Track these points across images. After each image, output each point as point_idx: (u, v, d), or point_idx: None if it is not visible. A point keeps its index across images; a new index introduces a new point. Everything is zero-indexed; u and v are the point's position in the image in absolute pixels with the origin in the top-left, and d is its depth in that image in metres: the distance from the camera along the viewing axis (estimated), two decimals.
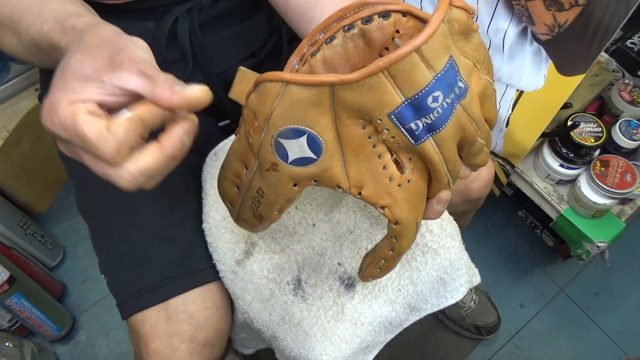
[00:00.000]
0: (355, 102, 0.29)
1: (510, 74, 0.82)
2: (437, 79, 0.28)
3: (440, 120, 0.30)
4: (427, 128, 0.30)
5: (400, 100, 0.28)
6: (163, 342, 0.51)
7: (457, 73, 0.29)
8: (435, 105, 0.29)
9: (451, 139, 0.31)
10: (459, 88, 0.29)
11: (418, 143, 0.30)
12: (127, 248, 0.54)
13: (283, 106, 0.30)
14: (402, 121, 0.29)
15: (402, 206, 0.32)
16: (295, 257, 0.54)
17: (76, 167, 0.59)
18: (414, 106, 0.29)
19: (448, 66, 0.28)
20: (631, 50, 0.99)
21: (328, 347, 0.50)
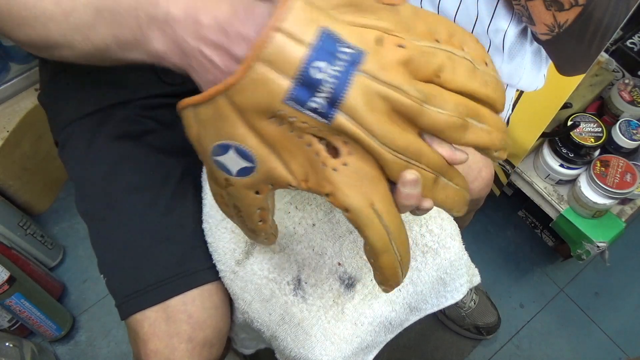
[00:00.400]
0: (251, 102, 0.29)
1: (510, 74, 0.82)
2: (311, 49, 0.27)
3: (338, 89, 0.28)
4: (328, 102, 0.28)
5: (287, 84, 0.28)
6: (162, 342, 0.51)
7: (337, 40, 0.28)
8: (322, 75, 0.28)
9: (363, 108, 0.29)
10: (345, 53, 0.28)
11: (330, 120, 0.29)
12: (126, 248, 0.54)
13: (199, 128, 0.31)
14: (301, 103, 0.29)
15: (344, 191, 0.31)
16: (295, 257, 0.54)
17: (75, 167, 0.59)
18: (303, 84, 0.28)
19: (322, 35, 0.28)
20: (631, 50, 0.99)
21: (328, 347, 0.50)
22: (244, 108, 0.29)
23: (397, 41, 0.29)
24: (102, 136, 0.58)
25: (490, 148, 0.33)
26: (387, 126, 0.29)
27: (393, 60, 0.29)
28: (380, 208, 0.31)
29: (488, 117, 0.32)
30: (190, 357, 0.51)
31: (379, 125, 0.29)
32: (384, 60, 0.28)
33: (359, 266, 0.54)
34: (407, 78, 0.29)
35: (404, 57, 0.29)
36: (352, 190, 0.31)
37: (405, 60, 0.29)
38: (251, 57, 0.28)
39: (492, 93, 0.31)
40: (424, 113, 0.29)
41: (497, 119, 0.33)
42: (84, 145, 0.58)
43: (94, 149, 0.57)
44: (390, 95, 0.29)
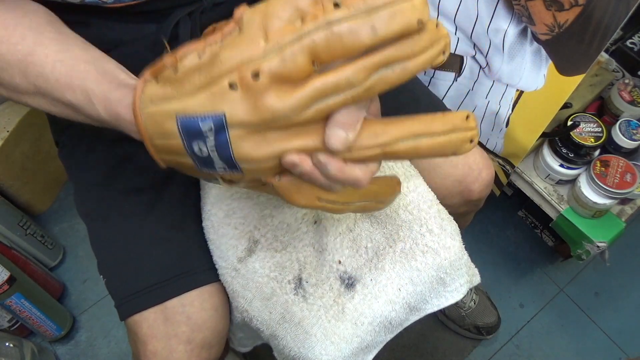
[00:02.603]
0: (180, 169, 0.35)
1: (510, 74, 0.82)
2: (183, 140, 0.31)
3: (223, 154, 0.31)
4: (227, 164, 0.32)
5: (189, 160, 0.33)
6: (161, 344, 0.51)
7: (193, 122, 0.30)
8: (206, 152, 0.31)
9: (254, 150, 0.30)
10: (210, 127, 0.29)
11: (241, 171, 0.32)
12: (125, 249, 0.54)
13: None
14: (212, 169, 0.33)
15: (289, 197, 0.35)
16: (297, 255, 0.54)
17: (75, 168, 0.59)
18: (199, 161, 0.32)
19: (180, 126, 0.30)
20: (631, 50, 0.99)
21: (328, 346, 0.50)
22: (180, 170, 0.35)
23: (249, 71, 0.27)
24: (102, 137, 0.58)
25: (421, 69, 0.29)
26: (286, 145, 0.30)
27: (254, 96, 0.28)
28: (329, 196, 0.34)
29: (398, 51, 0.27)
30: (189, 358, 0.51)
31: (278, 152, 0.30)
32: (245, 104, 0.28)
33: (358, 266, 0.54)
34: (278, 99, 0.28)
35: (262, 86, 0.28)
36: (295, 195, 0.34)
37: (265, 86, 0.28)
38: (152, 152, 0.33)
39: (387, 31, 0.26)
40: (316, 114, 0.29)
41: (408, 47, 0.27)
42: (84, 146, 0.58)
43: (94, 150, 0.57)
44: (272, 126, 0.29)
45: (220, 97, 0.28)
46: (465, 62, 0.87)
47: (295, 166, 0.31)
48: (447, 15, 0.82)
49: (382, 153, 0.31)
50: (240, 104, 0.28)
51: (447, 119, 0.31)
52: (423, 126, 0.31)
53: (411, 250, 0.53)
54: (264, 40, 0.27)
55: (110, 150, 0.57)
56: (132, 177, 0.56)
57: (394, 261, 0.53)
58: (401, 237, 0.54)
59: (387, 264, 0.53)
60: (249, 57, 0.28)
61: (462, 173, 0.63)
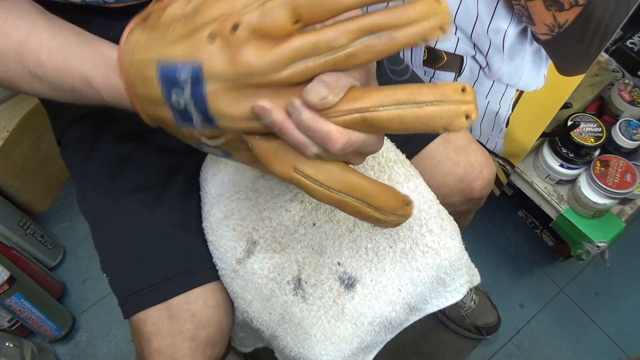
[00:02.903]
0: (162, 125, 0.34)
1: (510, 74, 0.82)
2: (162, 88, 0.30)
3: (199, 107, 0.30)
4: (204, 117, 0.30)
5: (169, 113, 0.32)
6: (165, 341, 0.51)
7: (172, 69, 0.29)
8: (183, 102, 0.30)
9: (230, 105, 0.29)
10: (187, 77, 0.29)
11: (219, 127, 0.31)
12: (129, 247, 0.54)
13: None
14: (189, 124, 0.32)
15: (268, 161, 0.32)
16: (296, 256, 0.54)
17: (78, 166, 0.59)
18: (178, 112, 0.31)
19: (159, 72, 0.29)
20: (631, 50, 0.99)
21: (328, 347, 0.50)
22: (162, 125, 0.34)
23: (230, 24, 0.27)
24: (105, 135, 0.58)
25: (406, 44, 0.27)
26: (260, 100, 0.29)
27: (232, 49, 0.27)
28: (305, 169, 0.31)
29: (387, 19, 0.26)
30: (193, 355, 0.52)
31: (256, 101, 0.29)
32: (222, 56, 0.28)
33: (358, 266, 0.54)
34: (256, 55, 0.27)
35: (241, 39, 0.27)
36: (272, 160, 0.31)
37: (244, 39, 0.27)
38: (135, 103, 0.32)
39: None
40: (293, 75, 0.28)
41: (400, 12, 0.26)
42: (86, 144, 0.58)
43: (97, 148, 0.57)
44: (249, 82, 0.28)
45: (199, 47, 0.28)
46: (465, 62, 0.87)
47: (265, 112, 0.28)
48: None
49: (362, 119, 0.29)
50: (218, 55, 0.27)
51: (438, 89, 0.28)
52: (408, 93, 0.28)
53: (411, 251, 0.53)
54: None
55: (112, 149, 0.57)
56: (135, 176, 0.56)
57: (394, 261, 0.53)
58: (401, 238, 0.54)
59: (387, 265, 0.53)
60: (230, 9, 0.27)
61: (463, 171, 0.63)
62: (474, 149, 0.65)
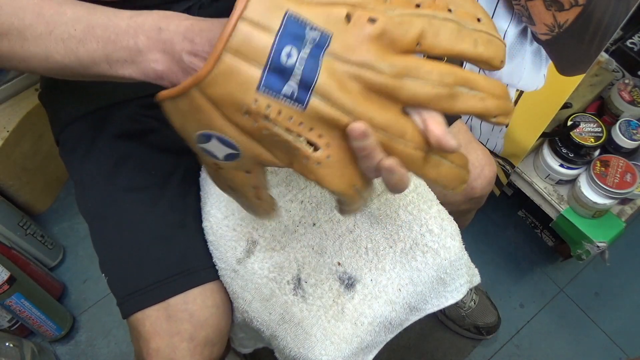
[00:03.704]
0: (225, 93, 0.29)
1: (510, 74, 0.82)
2: (278, 36, 0.27)
3: (308, 72, 0.28)
4: (302, 87, 0.28)
5: (259, 72, 0.28)
6: (164, 341, 0.51)
7: (303, 24, 0.28)
8: (292, 60, 0.28)
9: (336, 89, 0.28)
10: (313, 38, 0.28)
11: (305, 106, 0.29)
12: (127, 247, 0.54)
13: (180, 118, 0.31)
14: (274, 90, 0.28)
15: (328, 180, 0.31)
16: (295, 256, 0.54)
17: (76, 166, 0.59)
18: (274, 70, 0.28)
19: (286, 20, 0.27)
20: (631, 50, 0.99)
21: (328, 346, 0.50)
22: (218, 100, 0.29)
23: (367, 15, 0.28)
24: (104, 135, 0.58)
25: (485, 115, 0.31)
26: (363, 106, 0.29)
27: (362, 37, 0.28)
28: (360, 186, 0.32)
29: (480, 82, 0.30)
30: (191, 356, 0.51)
31: (355, 106, 0.29)
32: (352, 39, 0.28)
33: (358, 266, 0.54)
34: (379, 54, 0.28)
35: (375, 32, 0.28)
36: (336, 179, 0.31)
37: (377, 34, 0.28)
38: (219, 49, 0.27)
39: (484, 51, 0.30)
40: (403, 87, 0.29)
41: (491, 84, 0.31)
42: (85, 144, 0.58)
43: (95, 147, 0.57)
44: (362, 75, 0.28)
45: (334, 21, 0.28)
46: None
47: (364, 137, 0.29)
48: None
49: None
50: (344, 36, 0.28)
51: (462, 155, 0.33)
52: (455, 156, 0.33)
53: (411, 251, 0.53)
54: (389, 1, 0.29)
55: (111, 148, 0.57)
56: (133, 175, 0.56)
57: (394, 261, 0.53)
58: (401, 238, 0.54)
59: (387, 264, 0.53)
60: (375, 2, 0.28)
61: None
62: (475, 147, 0.65)
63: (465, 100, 0.30)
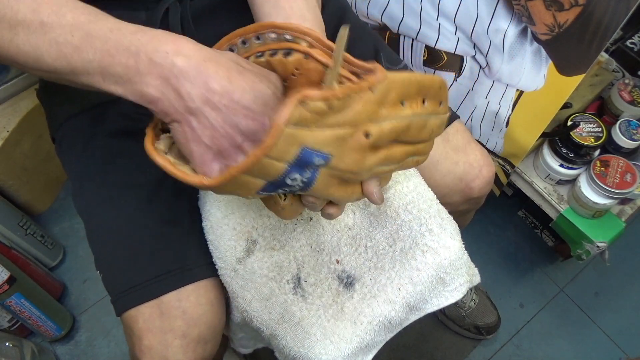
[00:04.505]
0: (225, 192, 0.36)
1: (510, 74, 0.82)
2: (290, 167, 0.33)
3: (304, 188, 0.35)
4: (294, 192, 0.37)
5: (262, 183, 0.34)
6: (156, 338, 0.51)
7: (313, 154, 0.33)
8: (295, 182, 0.34)
9: (322, 189, 0.36)
10: (319, 163, 0.34)
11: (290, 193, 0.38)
12: (122, 244, 0.54)
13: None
14: (271, 191, 0.36)
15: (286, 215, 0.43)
16: (295, 255, 0.54)
17: (73, 163, 0.59)
18: (276, 184, 0.34)
19: (301, 155, 0.32)
20: (631, 50, 0.99)
21: (327, 346, 0.50)
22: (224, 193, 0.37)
23: (364, 130, 0.34)
24: (99, 132, 0.58)
25: (414, 166, 0.42)
26: (335, 194, 0.37)
27: (355, 150, 0.34)
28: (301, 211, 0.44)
29: (421, 150, 0.40)
30: (184, 353, 0.51)
31: (328, 196, 0.38)
32: (346, 154, 0.34)
33: (358, 265, 0.54)
34: (360, 161, 0.35)
35: (366, 145, 0.35)
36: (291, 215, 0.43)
37: (367, 146, 0.35)
38: (233, 175, 0.33)
39: (434, 136, 0.40)
40: (367, 179, 0.39)
41: (427, 149, 0.41)
42: (81, 141, 0.58)
43: (91, 145, 0.57)
44: (344, 176, 0.36)
45: (338, 141, 0.33)
46: (465, 62, 0.87)
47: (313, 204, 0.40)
48: (447, 15, 0.82)
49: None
50: (342, 152, 0.34)
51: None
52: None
53: (411, 250, 0.53)
54: (383, 108, 0.34)
55: (107, 146, 0.57)
56: (128, 172, 0.56)
57: (394, 260, 0.53)
58: (401, 237, 0.54)
59: (386, 264, 0.53)
60: (371, 118, 0.34)
61: (462, 170, 0.63)
62: (474, 148, 0.65)
63: (406, 165, 0.40)
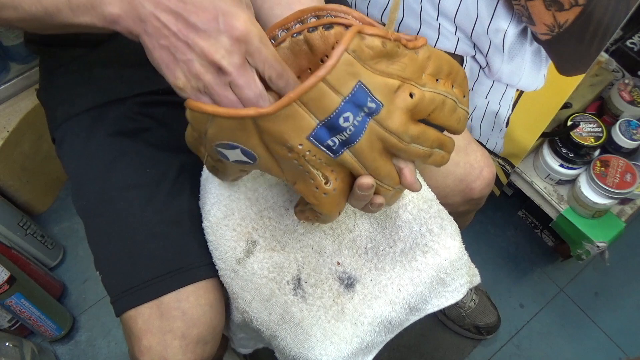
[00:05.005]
0: (275, 131, 0.33)
1: (510, 74, 0.82)
2: (345, 102, 0.32)
3: (354, 135, 0.34)
4: (342, 143, 0.35)
5: (315, 123, 0.33)
6: (155, 339, 0.51)
7: (367, 95, 0.33)
8: (347, 124, 0.33)
9: (367, 149, 0.35)
10: (370, 108, 0.34)
11: (337, 156, 0.35)
12: (121, 245, 0.54)
13: (214, 128, 0.35)
14: (320, 141, 0.34)
15: (326, 207, 0.39)
16: (295, 256, 0.54)
17: (72, 163, 0.59)
18: (328, 127, 0.33)
19: (356, 90, 0.32)
20: (631, 50, 0.99)
21: (328, 347, 0.50)
22: (268, 132, 0.34)
23: (409, 89, 0.35)
24: (99, 133, 0.58)
25: (439, 164, 0.41)
26: (378, 163, 0.37)
27: (401, 108, 0.35)
28: (341, 210, 0.42)
29: (449, 145, 0.41)
30: (183, 353, 0.51)
31: (373, 164, 0.37)
32: (394, 108, 0.35)
33: (358, 266, 0.54)
34: (406, 124, 0.35)
35: (410, 105, 0.35)
36: (332, 206, 0.39)
37: (411, 107, 0.35)
38: (291, 98, 0.32)
39: (460, 127, 0.41)
40: (409, 151, 0.37)
41: (453, 146, 0.41)
42: (80, 141, 0.58)
43: (91, 145, 0.57)
44: (388, 139, 0.36)
45: (388, 90, 0.34)
46: (465, 62, 0.87)
47: (370, 189, 0.38)
48: (447, 15, 0.82)
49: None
50: (390, 105, 0.34)
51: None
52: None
53: (411, 251, 0.53)
54: (424, 75, 0.36)
55: (106, 146, 0.57)
56: (128, 173, 0.56)
57: (394, 261, 0.53)
58: (401, 238, 0.54)
59: (387, 264, 0.53)
60: (415, 78, 0.35)
61: (463, 171, 0.63)
62: (474, 149, 0.65)
63: (434, 157, 0.40)
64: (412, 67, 0.35)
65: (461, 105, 0.39)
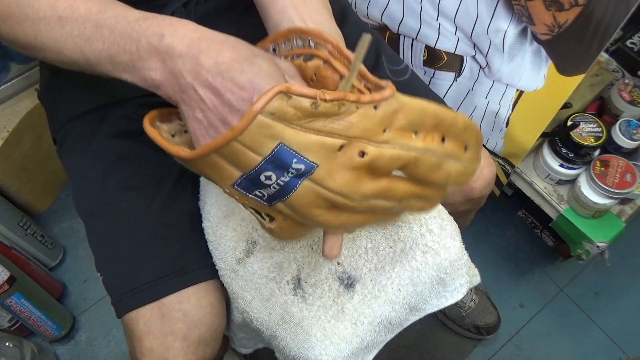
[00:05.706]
0: (202, 172, 0.34)
1: (510, 74, 0.82)
2: (264, 162, 0.31)
3: (281, 192, 0.33)
4: (271, 197, 0.33)
5: (238, 175, 0.32)
6: (157, 341, 0.51)
7: (293, 156, 0.31)
8: (270, 182, 0.32)
9: (304, 206, 0.33)
10: (297, 169, 0.31)
11: (271, 205, 0.34)
12: (122, 246, 0.54)
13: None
14: (247, 191, 0.33)
15: (280, 237, 0.38)
16: (295, 256, 0.54)
17: (73, 165, 0.59)
18: (251, 180, 0.32)
19: (276, 151, 0.31)
20: (631, 50, 0.99)
21: (328, 346, 0.50)
22: (199, 171, 0.34)
23: (360, 148, 0.32)
24: (100, 134, 0.58)
25: (417, 212, 0.39)
26: (322, 218, 0.34)
27: (346, 167, 0.32)
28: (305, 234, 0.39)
29: (429, 195, 0.37)
30: (184, 355, 0.51)
31: (312, 218, 0.34)
32: (336, 169, 0.32)
33: (358, 266, 0.54)
34: (354, 182, 0.32)
35: (359, 164, 0.32)
36: (287, 237, 0.38)
37: (360, 166, 0.32)
38: (205, 151, 0.31)
39: (453, 181, 0.36)
40: (359, 208, 0.34)
41: (436, 197, 0.38)
42: (82, 143, 0.58)
43: (92, 147, 0.57)
44: (333, 199, 0.33)
45: (326, 150, 0.31)
46: (465, 62, 0.87)
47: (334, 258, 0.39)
48: (447, 15, 0.82)
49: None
50: (330, 165, 0.32)
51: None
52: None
53: (411, 251, 0.53)
54: (387, 129, 0.32)
55: (108, 147, 0.57)
56: (129, 175, 0.56)
57: (394, 261, 0.53)
58: (401, 238, 0.54)
59: (387, 264, 0.53)
60: (370, 136, 0.32)
61: None
62: None
63: (410, 209, 0.37)
64: (365, 124, 0.32)
65: (456, 160, 0.35)
